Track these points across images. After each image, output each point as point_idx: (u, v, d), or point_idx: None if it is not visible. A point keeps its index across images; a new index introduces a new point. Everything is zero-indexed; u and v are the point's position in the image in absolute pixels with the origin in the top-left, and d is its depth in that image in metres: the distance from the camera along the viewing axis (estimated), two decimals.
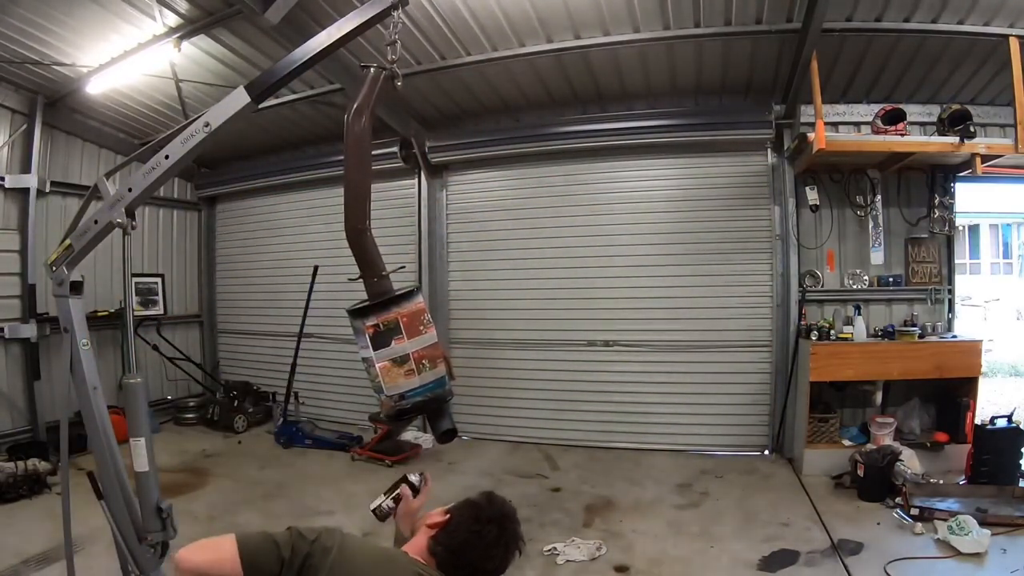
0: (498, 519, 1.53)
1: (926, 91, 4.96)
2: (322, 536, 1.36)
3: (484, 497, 1.61)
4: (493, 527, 1.50)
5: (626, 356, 5.72)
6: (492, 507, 1.57)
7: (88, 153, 6.35)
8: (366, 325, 1.84)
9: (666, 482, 4.78)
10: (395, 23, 2.07)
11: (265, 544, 1.30)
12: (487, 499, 1.60)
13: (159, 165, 2.17)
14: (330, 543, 1.35)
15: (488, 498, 1.61)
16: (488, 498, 1.61)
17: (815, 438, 4.83)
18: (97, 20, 4.45)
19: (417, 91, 5.49)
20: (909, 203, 5.14)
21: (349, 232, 1.98)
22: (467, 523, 1.51)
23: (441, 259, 6.36)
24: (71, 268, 2.32)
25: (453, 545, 1.49)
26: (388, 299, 1.89)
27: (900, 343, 4.78)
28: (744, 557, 3.49)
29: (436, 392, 1.88)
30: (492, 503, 1.58)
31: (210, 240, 7.79)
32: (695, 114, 5.47)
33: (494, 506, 1.57)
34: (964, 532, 3.39)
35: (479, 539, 1.48)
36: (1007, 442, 4.24)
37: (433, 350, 1.87)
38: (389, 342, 1.83)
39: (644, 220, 5.69)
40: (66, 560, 2.46)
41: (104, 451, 2.30)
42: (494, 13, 4.40)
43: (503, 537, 1.51)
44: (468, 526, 1.51)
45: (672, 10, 4.34)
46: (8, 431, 5.46)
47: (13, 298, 5.60)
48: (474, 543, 1.48)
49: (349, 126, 1.98)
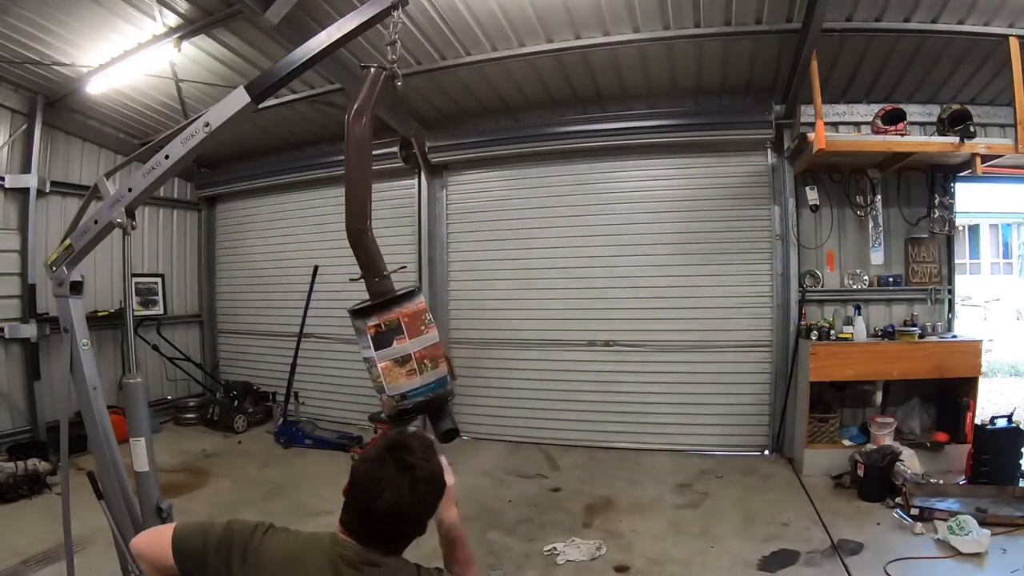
0: (381, 452, 1.31)
1: (926, 91, 4.96)
2: (253, 530, 1.34)
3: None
4: (374, 463, 1.29)
5: (626, 356, 5.72)
6: (380, 444, 1.36)
7: (88, 153, 6.35)
8: (368, 325, 1.85)
9: (666, 482, 4.78)
10: (395, 23, 2.07)
11: (196, 531, 1.35)
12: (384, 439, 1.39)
13: (159, 165, 2.17)
14: (249, 537, 1.32)
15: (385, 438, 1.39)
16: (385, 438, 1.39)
17: (815, 438, 4.83)
18: (97, 20, 4.45)
19: (417, 91, 5.49)
20: (909, 203, 5.14)
21: (350, 232, 1.98)
22: (353, 472, 1.31)
23: (441, 259, 6.36)
24: (71, 268, 2.32)
25: (347, 501, 1.30)
26: (389, 299, 1.90)
27: (900, 343, 4.78)
28: (744, 557, 3.49)
29: (438, 392, 1.88)
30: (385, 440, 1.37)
31: (210, 240, 7.79)
32: (695, 114, 5.47)
33: (383, 441, 1.36)
34: (964, 532, 3.39)
35: (362, 479, 1.28)
36: (1007, 442, 4.24)
37: (434, 350, 1.87)
38: (391, 342, 1.83)
39: (644, 220, 5.69)
40: (66, 560, 2.47)
41: (104, 451, 2.30)
42: (494, 13, 4.40)
43: (384, 468, 1.27)
44: (353, 475, 1.31)
45: (672, 10, 4.34)
46: (8, 431, 5.46)
47: (13, 298, 5.60)
48: (357, 487, 1.28)
49: (349, 126, 1.98)
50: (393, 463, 1.28)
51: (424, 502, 1.31)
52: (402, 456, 1.29)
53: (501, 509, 4.30)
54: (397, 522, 1.28)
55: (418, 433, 1.41)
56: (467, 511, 4.42)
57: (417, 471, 1.29)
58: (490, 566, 3.44)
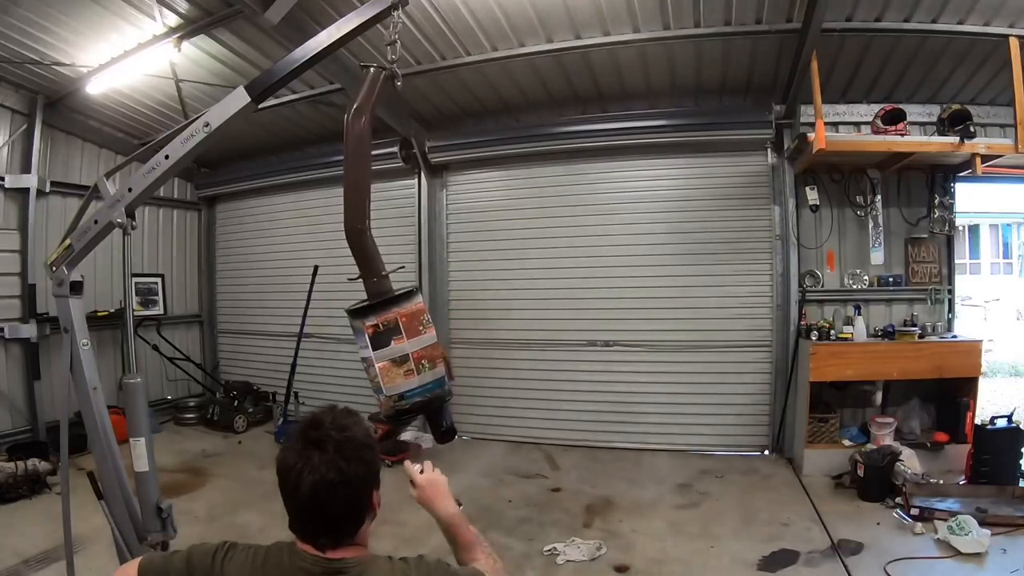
0: (294, 437, 1.22)
1: (926, 91, 4.96)
2: (212, 556, 1.24)
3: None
4: (288, 450, 1.20)
5: (626, 356, 5.72)
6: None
7: (88, 153, 6.35)
8: (366, 325, 1.85)
9: (666, 482, 4.78)
10: (395, 23, 2.07)
11: (160, 564, 1.27)
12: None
13: (159, 165, 2.17)
14: (210, 566, 1.22)
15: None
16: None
17: (815, 438, 4.82)
18: (97, 20, 4.45)
19: (417, 91, 5.49)
20: (909, 203, 5.14)
21: (349, 232, 1.98)
22: (276, 466, 1.22)
23: (441, 259, 6.36)
24: (71, 268, 2.32)
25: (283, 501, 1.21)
26: (388, 299, 1.90)
27: (900, 343, 4.78)
28: (744, 557, 3.48)
29: (435, 392, 1.88)
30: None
31: (210, 240, 7.79)
32: (695, 114, 5.47)
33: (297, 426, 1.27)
34: (964, 532, 3.39)
35: (281, 469, 1.19)
36: (1007, 442, 4.24)
37: (432, 350, 1.87)
38: (389, 342, 1.83)
39: (644, 220, 5.68)
40: (66, 560, 2.47)
41: (104, 451, 2.30)
42: (494, 13, 4.40)
43: (298, 452, 1.17)
44: (276, 469, 1.21)
45: (672, 10, 4.34)
46: (8, 431, 5.46)
47: (13, 298, 5.60)
48: (280, 479, 1.19)
49: (349, 126, 1.98)
50: (303, 444, 1.18)
51: (349, 473, 1.16)
52: (309, 433, 1.19)
53: (501, 509, 4.30)
54: (329, 504, 1.16)
55: (336, 406, 1.31)
56: (467, 511, 4.39)
57: (330, 443, 1.17)
58: None
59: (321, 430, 1.20)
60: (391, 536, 3.75)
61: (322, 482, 1.14)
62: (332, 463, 1.15)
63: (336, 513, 1.17)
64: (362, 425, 1.28)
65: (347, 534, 1.20)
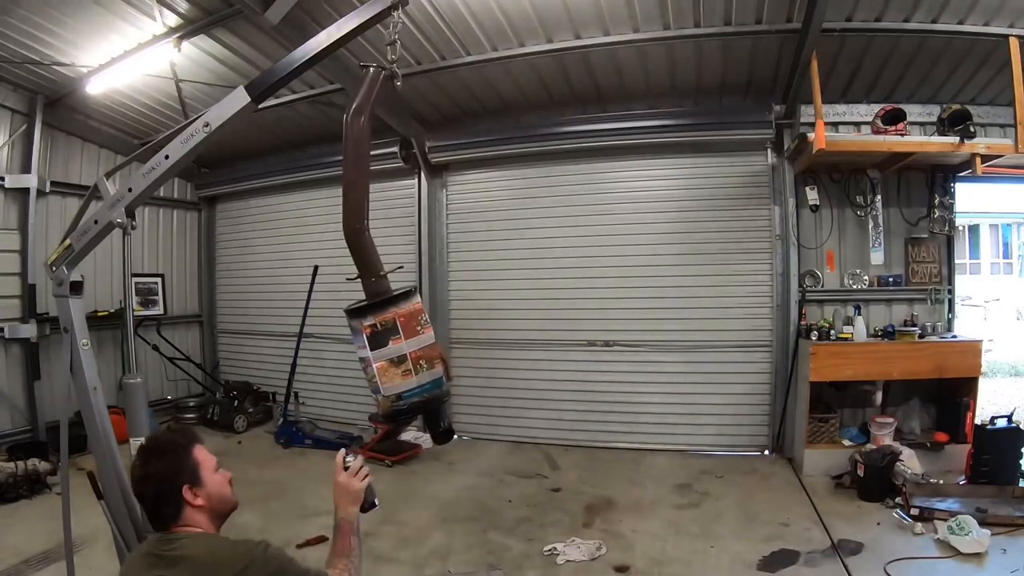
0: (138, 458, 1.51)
1: (926, 91, 4.96)
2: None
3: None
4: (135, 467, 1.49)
5: (626, 356, 5.72)
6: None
7: (88, 153, 6.35)
8: (364, 325, 1.84)
9: (666, 482, 4.77)
10: (395, 23, 2.07)
11: None
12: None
13: (159, 165, 2.17)
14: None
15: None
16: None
17: (815, 438, 4.83)
18: (97, 20, 4.45)
19: (417, 91, 5.50)
20: (909, 203, 5.14)
21: (347, 232, 1.98)
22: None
23: (441, 259, 6.36)
24: (71, 268, 2.32)
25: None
26: (386, 299, 1.89)
27: (900, 343, 4.78)
28: (744, 557, 3.48)
29: (433, 392, 1.88)
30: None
31: (210, 240, 7.79)
32: (695, 114, 5.47)
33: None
34: (964, 532, 3.39)
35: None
36: (1007, 442, 4.24)
37: (430, 350, 1.87)
38: (386, 342, 1.83)
39: (644, 220, 5.68)
40: (66, 560, 2.47)
41: (104, 451, 2.30)
42: (494, 13, 4.40)
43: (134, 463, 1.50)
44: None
45: (672, 10, 4.34)
46: (8, 431, 5.46)
47: (13, 298, 5.60)
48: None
49: (348, 126, 1.98)
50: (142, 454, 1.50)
51: (149, 470, 1.46)
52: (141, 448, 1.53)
53: (501, 509, 4.30)
54: (143, 495, 1.47)
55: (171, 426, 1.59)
56: (467, 511, 4.45)
57: (139, 452, 1.50)
58: (490, 566, 3.45)
59: (143, 445, 1.55)
60: (391, 535, 3.75)
61: (133, 480, 1.49)
62: (137, 467, 1.47)
63: (152, 503, 1.46)
64: (172, 432, 1.63)
65: (169, 518, 1.45)
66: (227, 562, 1.37)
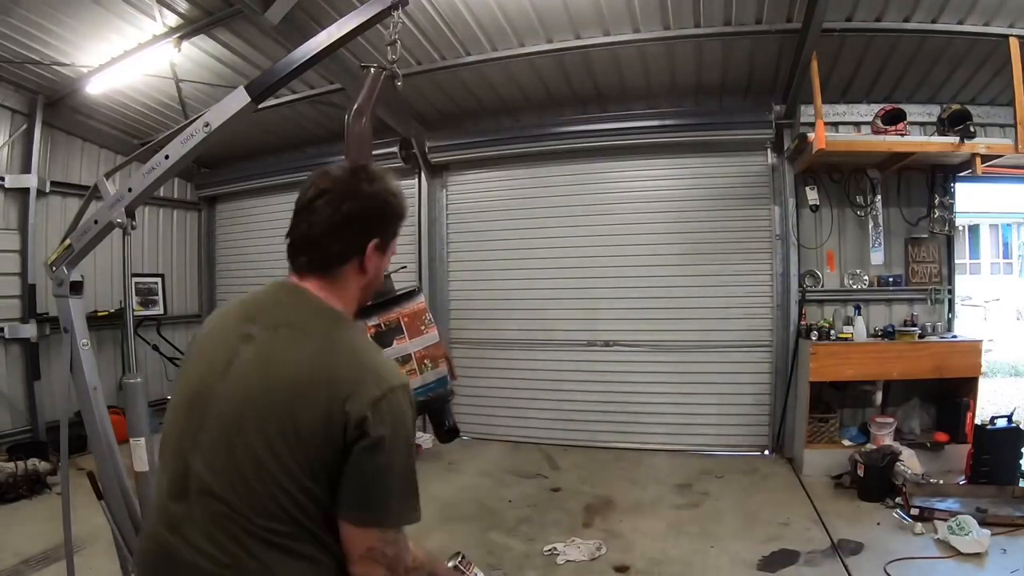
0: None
1: (926, 91, 4.96)
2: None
3: None
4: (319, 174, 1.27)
5: (626, 356, 5.71)
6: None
7: (88, 153, 6.34)
8: (368, 325, 1.85)
9: (666, 482, 4.77)
10: (395, 23, 2.07)
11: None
12: None
13: (159, 165, 2.17)
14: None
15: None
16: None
17: (815, 438, 4.82)
18: (97, 20, 4.45)
19: (417, 91, 5.49)
20: (909, 203, 5.14)
21: None
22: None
23: (441, 259, 6.36)
24: (71, 268, 2.33)
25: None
26: (389, 299, 1.90)
27: (900, 343, 4.78)
28: (744, 557, 3.48)
29: (438, 392, 1.88)
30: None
31: (210, 240, 7.78)
32: (695, 114, 5.47)
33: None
34: (964, 532, 3.39)
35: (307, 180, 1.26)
36: (1007, 442, 4.23)
37: (435, 350, 1.88)
38: (391, 342, 1.83)
39: (644, 220, 5.68)
40: (66, 560, 2.47)
41: (104, 451, 2.30)
42: (494, 13, 4.40)
43: (330, 173, 1.26)
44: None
45: (672, 10, 4.34)
46: (8, 431, 5.45)
47: (13, 298, 5.59)
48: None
49: (349, 126, 1.98)
50: (336, 170, 1.23)
51: (347, 200, 1.18)
52: (341, 168, 1.25)
53: (501, 509, 4.30)
54: (318, 216, 1.17)
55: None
56: (467, 511, 4.44)
57: (346, 173, 1.22)
58: (490, 566, 3.44)
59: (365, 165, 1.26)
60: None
61: (319, 192, 1.18)
62: (344, 177, 1.20)
63: (318, 231, 1.16)
64: (389, 184, 1.25)
65: (323, 261, 1.18)
66: (348, 376, 1.05)
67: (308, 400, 1.02)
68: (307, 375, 1.04)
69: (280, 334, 1.11)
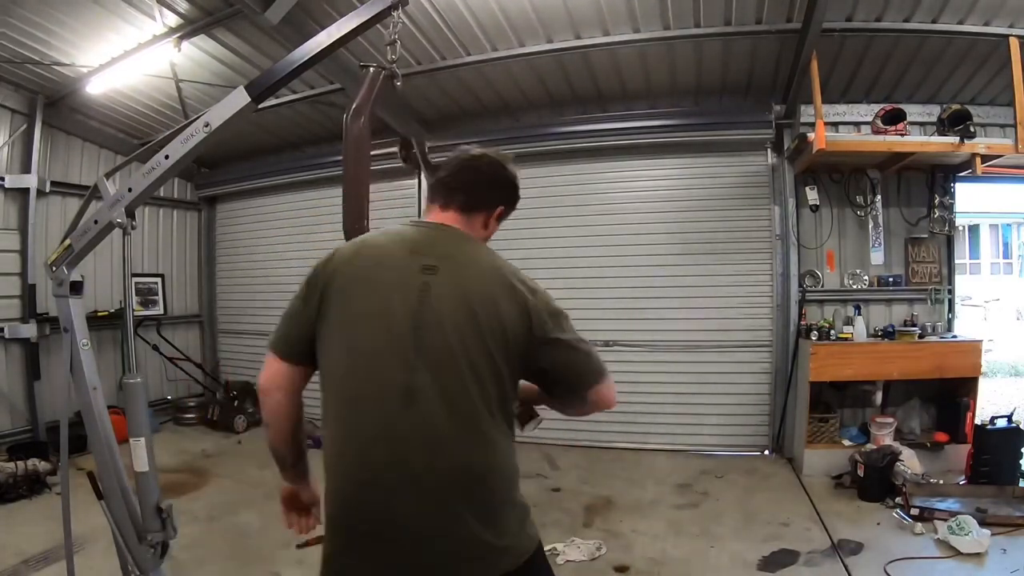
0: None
1: (926, 91, 4.96)
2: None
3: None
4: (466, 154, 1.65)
5: (626, 356, 5.71)
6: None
7: (88, 153, 6.35)
8: None
9: (666, 482, 4.77)
10: (395, 23, 2.07)
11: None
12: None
13: (159, 165, 2.17)
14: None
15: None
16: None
17: (815, 438, 4.82)
18: (97, 20, 4.45)
19: (417, 91, 5.49)
20: (909, 203, 5.14)
21: (348, 233, 1.98)
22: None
23: None
24: (71, 268, 2.33)
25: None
26: None
27: (900, 343, 4.78)
28: (744, 557, 3.48)
29: None
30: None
31: (210, 240, 7.78)
32: (695, 114, 5.47)
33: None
34: (964, 532, 3.39)
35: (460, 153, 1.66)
36: (1007, 442, 4.24)
37: None
38: None
39: (644, 220, 5.68)
40: (66, 560, 2.47)
41: (104, 451, 2.31)
42: (494, 13, 4.40)
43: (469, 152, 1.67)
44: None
45: (672, 10, 4.34)
46: (8, 431, 5.46)
47: (13, 298, 5.60)
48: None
49: (348, 126, 1.98)
50: (491, 151, 1.61)
51: (492, 166, 1.59)
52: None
53: None
54: (474, 170, 1.55)
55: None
56: None
57: (489, 157, 1.60)
58: None
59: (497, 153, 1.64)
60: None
61: (480, 155, 1.59)
62: (492, 156, 1.60)
63: (484, 179, 1.56)
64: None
65: (476, 204, 1.53)
66: (521, 288, 1.38)
67: (502, 310, 1.31)
68: (493, 292, 1.33)
69: (457, 261, 1.38)
